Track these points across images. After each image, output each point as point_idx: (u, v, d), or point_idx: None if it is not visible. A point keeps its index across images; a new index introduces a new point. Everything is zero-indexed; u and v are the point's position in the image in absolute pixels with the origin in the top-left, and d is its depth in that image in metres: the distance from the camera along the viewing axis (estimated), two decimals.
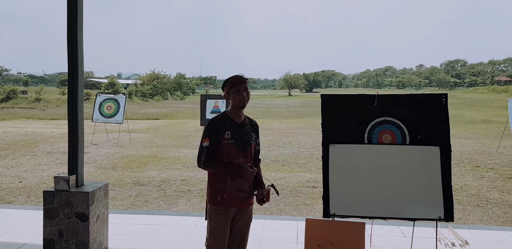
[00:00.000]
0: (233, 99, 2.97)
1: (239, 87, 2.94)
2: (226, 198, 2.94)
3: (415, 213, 3.31)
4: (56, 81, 79.28)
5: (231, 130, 2.95)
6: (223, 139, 2.92)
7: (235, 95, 2.95)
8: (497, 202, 6.94)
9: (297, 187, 7.91)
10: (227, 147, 2.93)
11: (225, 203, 2.94)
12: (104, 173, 9.15)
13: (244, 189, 3.00)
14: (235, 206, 2.98)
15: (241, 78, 2.98)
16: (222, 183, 2.95)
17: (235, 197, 2.96)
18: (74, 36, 3.97)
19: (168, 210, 6.35)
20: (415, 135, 3.39)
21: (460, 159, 11.12)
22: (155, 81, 59.99)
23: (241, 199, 2.99)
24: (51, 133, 17.27)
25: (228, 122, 2.97)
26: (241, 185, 2.98)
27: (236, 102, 2.96)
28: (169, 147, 13.50)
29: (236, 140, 2.96)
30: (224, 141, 2.92)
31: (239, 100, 2.95)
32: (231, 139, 2.94)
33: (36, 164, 10.23)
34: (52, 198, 3.93)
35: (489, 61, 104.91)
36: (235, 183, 2.95)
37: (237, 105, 2.98)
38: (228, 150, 2.94)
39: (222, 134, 2.92)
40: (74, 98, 4.04)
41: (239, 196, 2.98)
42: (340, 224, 3.31)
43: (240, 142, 2.97)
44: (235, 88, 2.95)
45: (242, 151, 2.99)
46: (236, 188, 2.96)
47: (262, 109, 35.28)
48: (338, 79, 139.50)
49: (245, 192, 3.00)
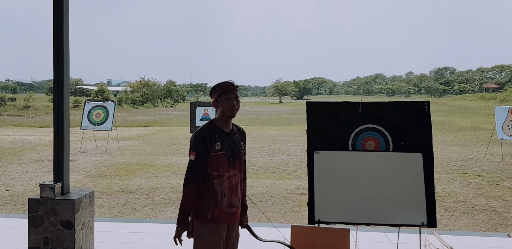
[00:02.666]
0: (222, 107, 2.71)
1: (229, 96, 2.69)
2: (217, 215, 2.70)
3: (398, 219, 3.34)
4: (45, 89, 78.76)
5: (221, 140, 2.70)
6: (213, 150, 2.66)
7: (224, 104, 2.69)
8: (483, 208, 7.00)
9: (286, 194, 7.92)
10: (217, 159, 2.68)
11: (216, 220, 2.71)
12: (92, 181, 9.09)
13: (234, 203, 2.78)
14: (226, 222, 2.77)
15: (232, 86, 2.72)
16: (213, 198, 2.70)
17: (225, 213, 2.74)
18: (60, 43, 3.97)
19: (156, 217, 6.32)
20: (399, 142, 3.44)
21: (448, 165, 11.22)
22: (145, 88, 59.88)
23: (231, 214, 2.77)
24: (39, 140, 17.13)
25: (217, 132, 2.72)
26: (231, 199, 2.76)
27: (225, 111, 2.71)
28: (158, 154, 13.45)
29: (226, 150, 2.71)
30: (214, 152, 2.66)
31: (229, 109, 2.70)
32: (221, 150, 2.69)
33: (24, 171, 10.13)
34: (37, 206, 3.91)
35: (477, 69, 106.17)
36: (226, 198, 2.73)
37: (226, 115, 2.73)
38: (219, 162, 2.69)
39: (211, 144, 2.66)
40: (60, 106, 4.03)
41: (230, 211, 2.76)
42: (325, 230, 3.34)
43: (230, 153, 2.74)
44: (225, 97, 2.69)
45: (233, 162, 2.75)
46: (227, 203, 2.74)
47: (253, 116, 35.35)
48: (328, 87, 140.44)
49: (235, 207, 2.79)
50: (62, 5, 3.93)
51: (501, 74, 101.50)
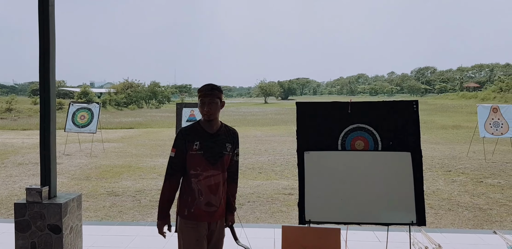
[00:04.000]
0: (199, 110, 2.83)
1: (204, 100, 2.78)
2: (194, 212, 2.80)
3: (388, 218, 3.37)
4: (27, 91, 77.53)
5: (201, 140, 2.79)
6: (191, 149, 2.77)
7: (199, 108, 2.81)
8: (468, 205, 7.11)
9: (274, 194, 7.93)
10: (195, 158, 2.77)
11: (193, 217, 2.80)
12: (77, 184, 8.98)
13: (213, 203, 2.83)
14: (204, 220, 2.83)
15: (208, 91, 2.78)
16: (191, 196, 2.80)
17: (203, 212, 2.81)
18: (46, 45, 3.91)
19: (143, 220, 6.27)
20: (387, 141, 3.47)
21: (431, 163, 11.37)
22: (129, 90, 59.34)
23: (209, 213, 2.83)
24: (22, 143, 16.86)
25: (199, 132, 2.82)
26: (209, 198, 2.81)
27: (201, 114, 2.83)
28: (144, 156, 13.35)
29: (206, 151, 2.78)
30: (191, 151, 2.77)
31: (202, 113, 2.81)
32: (200, 150, 2.77)
33: (7, 175, 9.96)
34: (24, 210, 3.84)
35: (457, 68, 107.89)
36: (204, 197, 2.80)
37: (202, 117, 2.86)
38: (196, 161, 2.78)
39: (190, 143, 2.77)
40: (46, 108, 3.97)
41: (208, 210, 2.82)
42: (316, 230, 3.35)
43: (210, 153, 2.80)
44: (200, 100, 2.81)
45: (213, 162, 2.80)
46: (205, 202, 2.81)
47: (239, 117, 35.34)
48: (312, 87, 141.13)
49: (213, 206, 2.84)
50: (48, 6, 3.88)
51: (481, 74, 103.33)
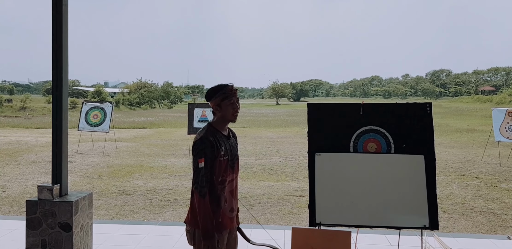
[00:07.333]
0: (225, 112, 2.62)
1: (233, 100, 2.62)
2: (221, 221, 2.62)
3: (400, 221, 3.32)
4: (41, 90, 78.59)
5: (224, 145, 2.63)
6: (218, 155, 2.57)
7: (228, 109, 2.62)
8: (482, 210, 7.00)
9: (284, 196, 7.89)
10: (222, 164, 2.60)
11: (220, 227, 2.61)
12: (89, 182, 9.04)
13: (234, 207, 2.74)
14: (229, 227, 2.71)
15: (234, 90, 2.64)
16: (217, 205, 2.62)
17: (228, 218, 2.68)
18: (59, 44, 3.93)
19: (154, 219, 6.29)
20: (400, 144, 3.42)
21: (445, 167, 11.23)
22: (142, 90, 59.73)
23: (232, 219, 2.73)
24: (36, 141, 17.05)
25: (220, 136, 2.64)
26: (231, 203, 2.71)
27: (228, 115, 2.64)
28: (156, 155, 13.41)
29: (229, 155, 2.65)
30: (219, 157, 2.57)
31: (232, 114, 2.64)
32: (225, 154, 2.61)
33: (20, 173, 10.07)
34: (35, 208, 3.87)
35: (473, 71, 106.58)
36: (228, 203, 2.67)
37: (228, 119, 2.66)
38: (223, 167, 2.61)
39: (217, 149, 2.56)
40: (58, 107, 3.99)
41: (231, 216, 2.71)
42: (326, 233, 3.31)
43: (230, 157, 2.67)
44: (229, 101, 2.61)
45: (232, 166, 2.69)
46: (229, 208, 2.69)
47: (250, 118, 35.29)
48: (325, 89, 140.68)
49: (234, 211, 2.76)
50: (62, 5, 3.90)
51: (497, 77, 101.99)
